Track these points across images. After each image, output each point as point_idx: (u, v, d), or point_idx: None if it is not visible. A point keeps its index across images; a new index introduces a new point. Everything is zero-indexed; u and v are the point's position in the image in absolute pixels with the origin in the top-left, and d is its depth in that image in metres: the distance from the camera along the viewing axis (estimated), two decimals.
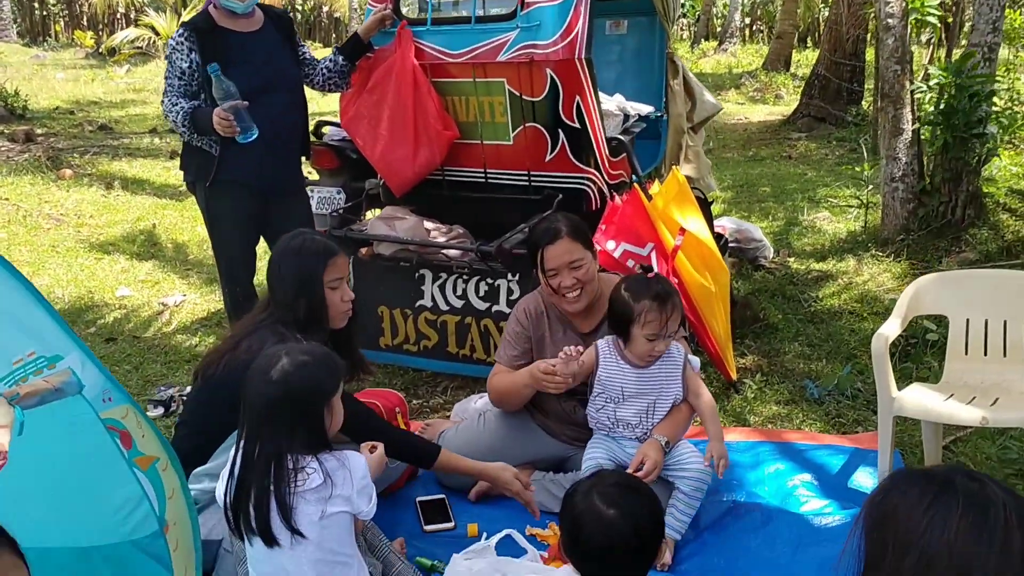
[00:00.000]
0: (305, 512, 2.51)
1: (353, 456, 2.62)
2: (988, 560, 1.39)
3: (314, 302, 3.06)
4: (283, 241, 3.17)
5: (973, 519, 1.42)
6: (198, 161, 4.06)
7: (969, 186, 5.97)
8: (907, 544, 1.45)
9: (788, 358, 4.67)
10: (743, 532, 3.19)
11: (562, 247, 3.30)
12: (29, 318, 2.49)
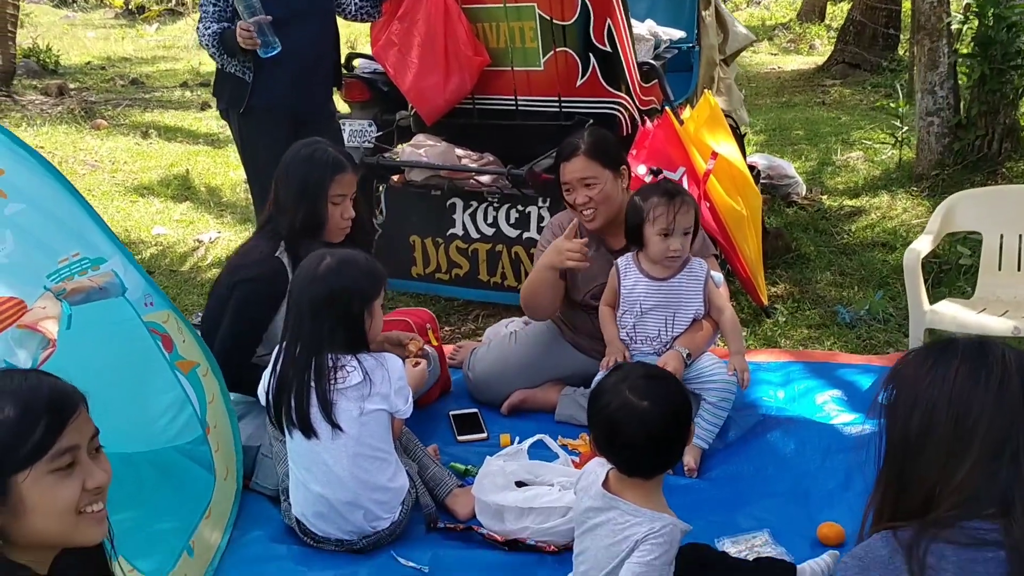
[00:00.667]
0: (344, 408, 2.58)
1: (391, 358, 2.68)
2: (985, 401, 1.43)
3: (314, 212, 3.09)
4: (296, 147, 3.21)
5: (971, 365, 1.46)
6: (231, 88, 4.10)
7: (1006, 119, 5.88)
8: (913, 400, 1.49)
9: (820, 286, 4.67)
10: (772, 442, 3.22)
11: (577, 164, 3.30)
12: (74, 221, 2.56)
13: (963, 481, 1.43)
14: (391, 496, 2.68)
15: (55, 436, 1.48)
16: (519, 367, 3.52)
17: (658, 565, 2.13)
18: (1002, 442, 1.42)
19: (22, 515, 1.46)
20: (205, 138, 9.16)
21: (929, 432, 1.45)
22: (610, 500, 2.20)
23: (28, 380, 1.51)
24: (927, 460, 1.46)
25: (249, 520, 2.88)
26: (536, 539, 2.68)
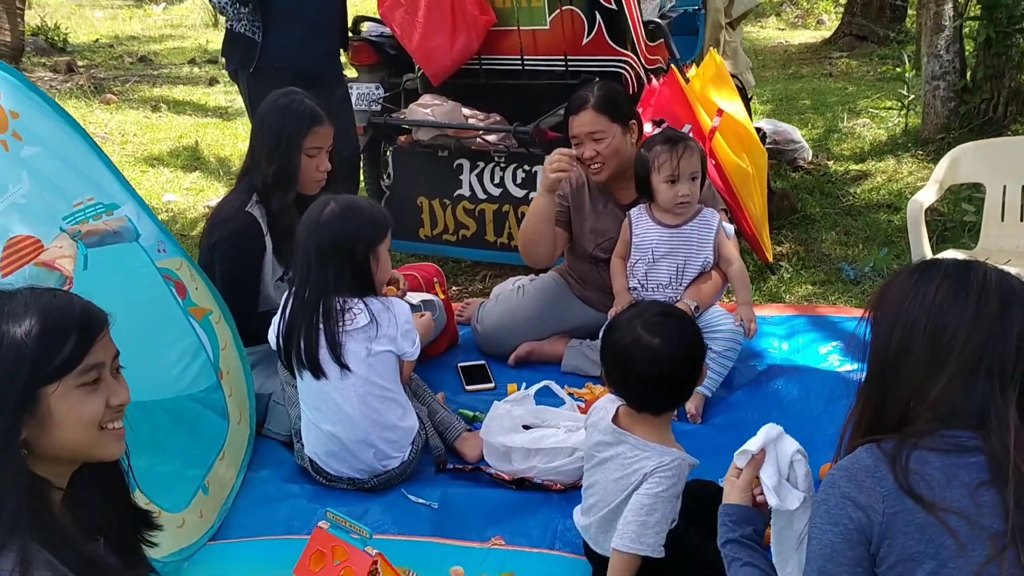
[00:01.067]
0: (352, 349, 2.64)
1: (398, 302, 2.73)
2: (963, 317, 1.47)
3: (288, 163, 3.11)
4: (273, 96, 3.23)
5: (952, 283, 1.51)
6: (242, 48, 4.14)
7: (1012, 82, 5.90)
8: (895, 317, 1.54)
9: (824, 245, 4.70)
10: (775, 390, 3.27)
11: (586, 118, 3.33)
12: (88, 168, 2.60)
13: (939, 395, 1.48)
14: (401, 435, 2.74)
15: (84, 352, 1.54)
16: (526, 320, 3.57)
17: (666, 497, 2.18)
18: (978, 358, 1.47)
19: (49, 427, 1.52)
20: (214, 111, 9.20)
21: (908, 348, 1.51)
22: (619, 435, 2.25)
23: (59, 298, 1.57)
24: (906, 375, 1.51)
25: (262, 462, 2.95)
26: (543, 478, 2.74)
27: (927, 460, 1.46)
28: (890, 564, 1.44)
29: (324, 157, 3.21)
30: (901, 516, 1.43)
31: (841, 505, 1.48)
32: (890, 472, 1.46)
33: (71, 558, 1.50)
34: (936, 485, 1.44)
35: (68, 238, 2.38)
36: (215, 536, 2.61)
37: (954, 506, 1.42)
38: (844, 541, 1.47)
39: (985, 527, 1.41)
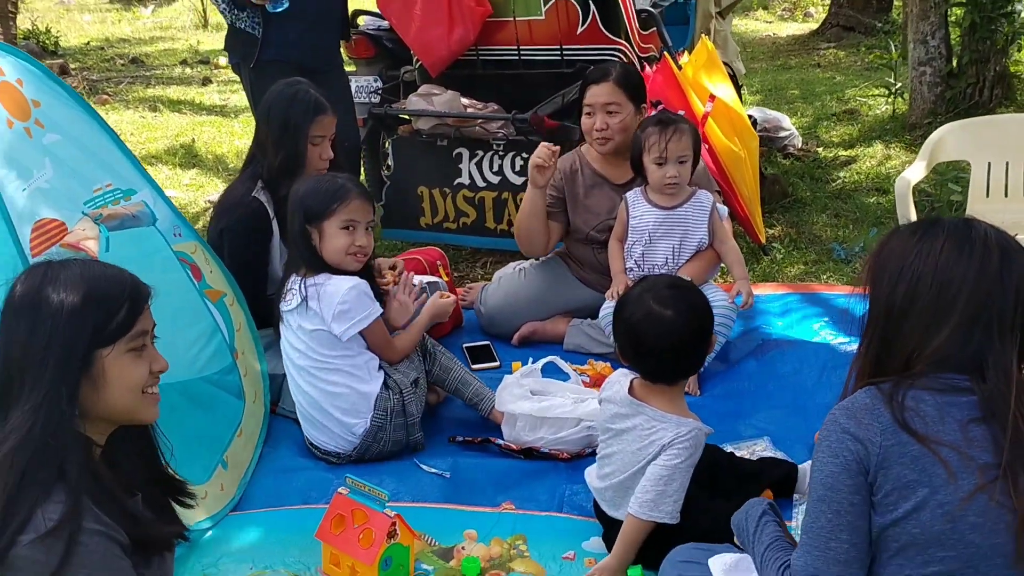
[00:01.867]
0: (290, 325, 2.87)
1: (335, 281, 2.82)
2: (967, 272, 1.58)
3: (294, 151, 3.22)
4: (278, 86, 3.34)
5: (956, 240, 1.61)
6: (243, 42, 4.22)
7: (996, 66, 6.03)
8: (899, 271, 1.64)
9: (816, 227, 4.82)
10: (771, 362, 3.39)
11: (605, 88, 3.43)
12: (107, 154, 2.70)
13: (941, 344, 1.59)
14: (355, 400, 2.85)
15: (135, 319, 1.65)
16: (528, 301, 3.68)
17: (683, 468, 2.28)
18: (979, 311, 1.57)
19: (101, 388, 1.62)
20: (209, 110, 9.28)
21: (914, 300, 1.61)
22: (636, 406, 2.34)
23: (110, 269, 1.68)
24: (911, 325, 1.61)
25: (277, 439, 3.05)
26: (550, 447, 2.84)
27: (922, 398, 1.57)
28: (886, 492, 1.55)
29: (327, 145, 3.31)
30: (897, 448, 1.54)
31: (841, 439, 1.59)
32: (887, 409, 1.57)
33: (113, 511, 1.61)
34: (929, 420, 1.55)
35: (90, 221, 2.49)
36: (236, 507, 2.70)
37: (946, 439, 1.53)
38: (843, 471, 1.58)
39: (975, 459, 1.52)
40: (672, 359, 2.31)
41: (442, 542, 2.52)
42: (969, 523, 1.52)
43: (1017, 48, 6.34)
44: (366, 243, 2.86)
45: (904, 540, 1.56)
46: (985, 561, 1.52)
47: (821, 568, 1.62)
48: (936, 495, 1.52)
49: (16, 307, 1.59)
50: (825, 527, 1.62)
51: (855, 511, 1.59)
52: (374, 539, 2.28)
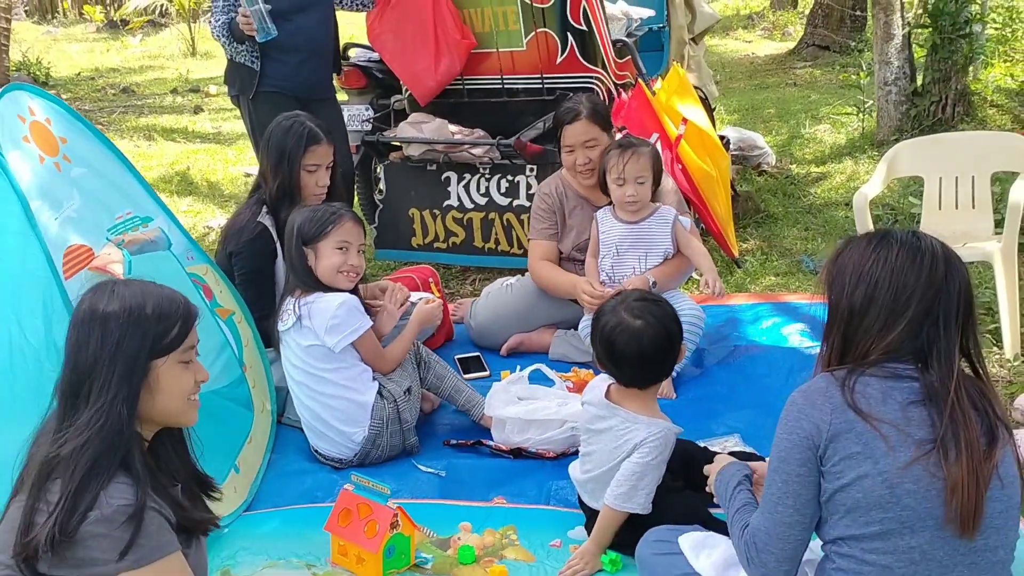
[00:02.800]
0: (286, 342, 3.10)
1: (327, 299, 3.06)
2: (920, 277, 1.85)
3: (290, 179, 3.49)
4: (278, 119, 3.61)
5: (908, 251, 1.88)
6: (241, 75, 4.48)
7: (958, 84, 6.33)
8: (858, 277, 1.90)
9: (786, 241, 5.09)
10: (742, 366, 3.64)
11: (580, 127, 3.70)
12: (126, 185, 2.95)
13: (895, 338, 1.86)
14: (354, 410, 3.09)
15: (186, 334, 1.89)
16: (516, 314, 3.93)
17: (654, 464, 2.51)
18: (929, 310, 1.85)
19: (155, 393, 1.87)
20: (202, 138, 9.52)
21: (873, 300, 1.87)
22: (612, 409, 2.58)
23: (165, 290, 1.92)
24: (868, 322, 1.88)
25: (284, 445, 3.28)
26: (537, 447, 3.09)
27: (868, 383, 1.84)
28: (834, 462, 1.83)
29: (323, 173, 3.57)
30: (845, 426, 1.81)
31: (797, 419, 1.87)
32: (839, 392, 1.84)
33: (164, 498, 1.84)
34: (873, 402, 1.82)
35: (114, 247, 2.73)
36: (249, 507, 2.93)
37: (887, 418, 1.81)
38: (795, 447, 1.86)
39: (911, 435, 1.79)
40: (640, 365, 2.54)
41: (439, 533, 2.75)
42: (905, 489, 1.77)
43: (983, 65, 6.66)
44: (358, 263, 3.12)
45: (850, 504, 1.82)
46: (919, 522, 1.78)
47: (769, 527, 1.91)
48: (877, 465, 1.78)
49: (87, 319, 1.83)
50: (775, 494, 1.90)
51: (801, 482, 1.86)
52: (378, 530, 2.52)
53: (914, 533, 1.78)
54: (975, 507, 1.75)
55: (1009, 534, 1.83)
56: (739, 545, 2.02)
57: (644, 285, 3.46)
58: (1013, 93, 6.90)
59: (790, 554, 1.92)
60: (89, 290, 1.92)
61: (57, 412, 1.87)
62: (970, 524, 1.76)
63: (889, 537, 1.79)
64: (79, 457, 1.73)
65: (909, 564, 1.79)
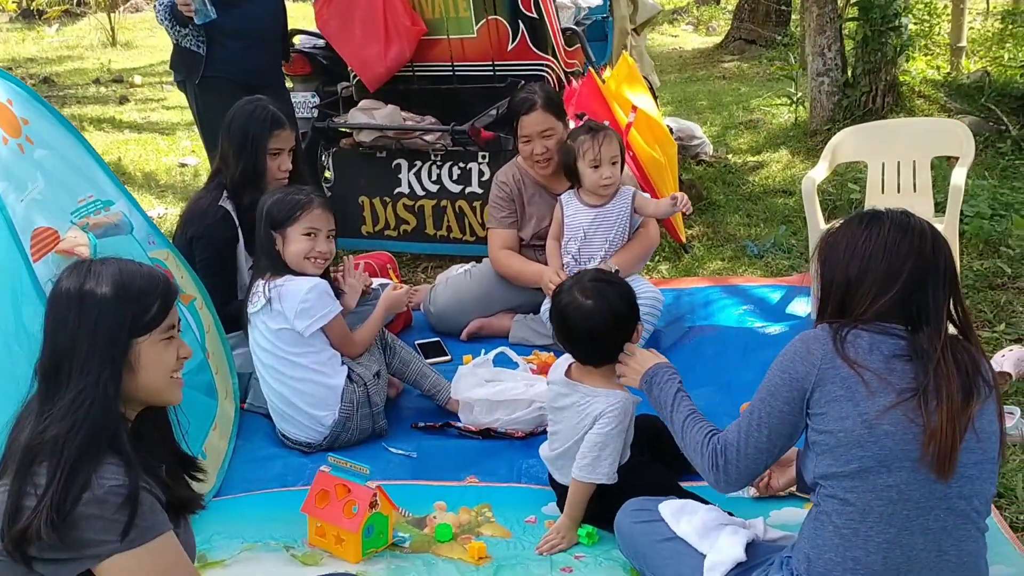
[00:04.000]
0: (256, 325, 3.09)
1: (297, 282, 3.07)
2: (909, 252, 1.99)
3: (254, 163, 3.46)
4: (239, 104, 3.57)
5: (898, 228, 2.02)
6: (187, 61, 4.41)
7: (887, 76, 6.55)
8: (851, 253, 2.04)
9: (730, 227, 5.21)
10: (697, 346, 3.74)
11: (536, 117, 3.74)
12: (86, 168, 2.90)
13: (885, 303, 1.98)
14: (324, 393, 3.08)
15: (167, 311, 1.87)
16: (475, 299, 3.96)
17: (614, 434, 2.57)
18: (919, 280, 1.97)
19: (137, 371, 1.84)
20: (130, 128, 9.31)
21: (867, 272, 2.00)
22: (572, 386, 2.64)
23: (145, 268, 1.90)
24: (863, 292, 2.00)
25: (249, 431, 3.26)
26: (505, 428, 3.12)
27: (859, 335, 1.97)
28: (820, 404, 1.96)
29: (286, 157, 3.54)
30: (832, 371, 1.95)
31: (792, 360, 2.01)
32: (831, 340, 1.97)
33: (153, 477, 1.83)
34: (861, 352, 1.95)
35: (79, 230, 2.68)
36: (218, 493, 2.90)
37: (870, 366, 1.93)
38: (784, 384, 2.01)
39: (893, 384, 1.92)
40: (591, 343, 2.59)
41: (415, 513, 2.77)
42: (883, 430, 1.89)
43: (906, 59, 6.89)
44: (326, 249, 3.11)
45: (832, 443, 1.94)
46: (895, 462, 1.90)
47: (741, 447, 2.09)
48: (858, 407, 1.91)
49: (64, 300, 1.79)
50: (755, 420, 2.06)
51: (781, 418, 2.02)
52: (358, 509, 2.52)
53: (891, 472, 1.90)
54: (950, 451, 1.88)
55: (984, 485, 1.95)
56: (704, 452, 2.17)
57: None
58: (939, 84, 7.16)
59: (751, 474, 2.13)
60: (66, 269, 1.89)
61: (38, 395, 1.84)
62: (945, 466, 1.88)
63: (867, 475, 1.91)
64: (67, 439, 1.70)
65: (888, 503, 1.91)
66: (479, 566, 2.52)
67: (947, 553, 1.92)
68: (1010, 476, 2.82)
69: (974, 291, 4.05)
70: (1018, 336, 3.69)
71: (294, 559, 2.58)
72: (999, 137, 6.08)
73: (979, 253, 4.43)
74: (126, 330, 1.80)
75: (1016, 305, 3.94)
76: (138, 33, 17.30)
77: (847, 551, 1.94)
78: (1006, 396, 3.26)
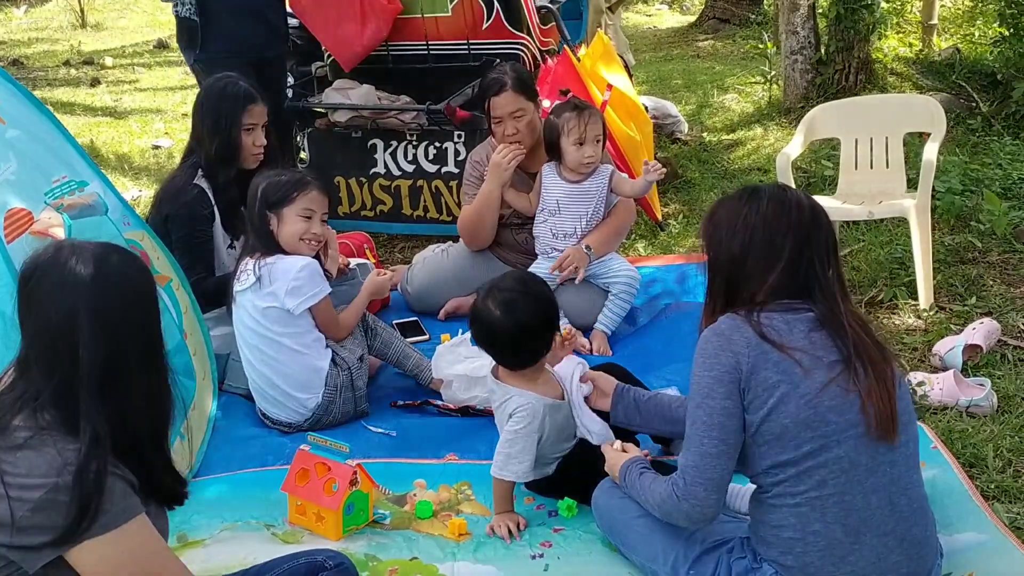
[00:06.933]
0: (242, 304, 3.08)
1: (288, 260, 3.06)
2: (789, 224, 2.03)
3: (228, 140, 3.44)
4: (210, 80, 3.57)
5: (776, 202, 2.06)
6: (187, 33, 4.36)
7: (860, 53, 6.59)
8: (733, 229, 2.07)
9: (706, 204, 5.23)
10: (674, 322, 3.77)
11: (506, 98, 3.73)
12: (60, 148, 2.88)
13: (774, 282, 2.03)
14: (309, 376, 3.09)
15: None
16: (453, 278, 3.97)
17: (524, 433, 2.53)
18: (801, 252, 2.02)
19: None
20: (103, 111, 9.21)
21: (750, 248, 2.04)
22: (496, 383, 2.63)
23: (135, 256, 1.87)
24: (749, 268, 2.04)
25: (228, 412, 3.25)
26: (484, 405, 3.13)
27: (772, 317, 2.00)
28: (756, 393, 1.96)
29: (260, 133, 3.53)
30: (762, 357, 1.96)
31: (716, 354, 2.00)
32: (748, 327, 1.98)
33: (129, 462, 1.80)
34: (782, 332, 1.98)
35: (53, 211, 2.66)
36: (197, 474, 2.90)
37: (796, 345, 1.96)
38: (717, 381, 1.99)
39: (821, 358, 1.96)
40: (496, 349, 2.57)
41: (395, 491, 2.78)
42: (826, 406, 1.94)
43: (878, 36, 6.93)
44: (320, 232, 3.13)
45: (778, 431, 1.96)
46: (841, 434, 1.94)
47: (696, 461, 2.02)
48: (797, 388, 1.94)
49: (42, 285, 1.76)
50: (700, 429, 2.02)
51: (726, 413, 1.99)
52: (338, 487, 2.54)
53: (840, 444, 1.94)
54: (891, 412, 1.94)
55: (912, 428, 2.06)
56: (663, 494, 2.11)
57: (580, 254, 3.57)
58: (911, 61, 7.21)
59: (717, 483, 2.03)
60: (46, 251, 1.86)
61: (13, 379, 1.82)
62: (890, 427, 1.94)
63: (818, 454, 1.95)
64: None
65: (840, 473, 1.95)
66: (459, 542, 2.54)
67: (898, 504, 1.98)
68: (981, 446, 2.87)
69: (946, 266, 4.10)
70: (988, 309, 3.74)
71: (275, 537, 2.59)
72: (970, 114, 6.14)
73: (950, 228, 4.48)
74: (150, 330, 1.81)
75: (987, 279, 3.99)
76: (108, 14, 17.07)
77: (806, 527, 1.97)
78: (976, 368, 3.32)
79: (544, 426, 2.57)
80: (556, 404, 2.60)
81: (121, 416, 1.76)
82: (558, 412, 2.60)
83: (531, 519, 2.62)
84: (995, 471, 2.76)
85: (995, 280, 3.99)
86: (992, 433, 2.94)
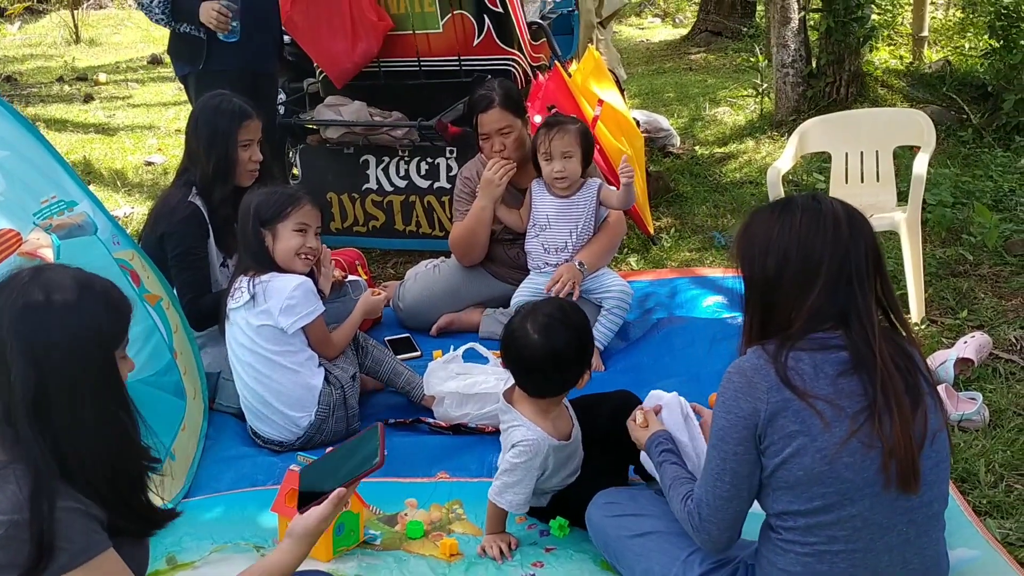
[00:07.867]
0: (236, 322, 3.07)
1: (284, 279, 3.06)
2: (825, 241, 1.91)
3: (225, 157, 3.44)
4: (204, 98, 3.55)
5: (811, 216, 1.94)
6: (189, 48, 4.27)
7: (851, 66, 6.62)
8: (767, 247, 1.95)
9: (698, 218, 5.25)
10: (666, 337, 3.76)
11: (495, 115, 3.75)
12: (48, 168, 2.87)
13: (813, 302, 1.91)
14: (301, 394, 3.08)
15: (127, 329, 1.84)
16: (444, 294, 3.97)
17: (523, 467, 2.49)
18: (840, 271, 1.89)
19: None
20: (96, 127, 9.21)
21: (785, 269, 1.92)
22: (507, 407, 2.58)
23: (112, 285, 1.86)
24: (784, 291, 1.93)
25: (219, 431, 3.24)
26: (476, 423, 3.13)
27: (800, 358, 1.88)
28: (772, 440, 1.88)
29: (256, 148, 3.53)
30: (781, 404, 1.86)
31: (735, 398, 1.91)
32: (772, 369, 1.88)
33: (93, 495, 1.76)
34: (807, 377, 1.87)
35: (42, 231, 2.66)
36: (187, 495, 2.89)
37: (820, 394, 1.86)
38: (732, 427, 1.91)
39: (845, 409, 1.85)
40: (528, 375, 2.49)
41: (385, 510, 2.77)
42: (843, 463, 1.84)
43: (869, 49, 6.96)
44: (315, 246, 3.13)
45: (791, 480, 1.88)
46: (857, 492, 1.85)
47: (710, 501, 1.99)
48: (815, 442, 1.84)
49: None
50: (714, 470, 1.97)
51: (738, 460, 1.92)
52: None
53: (854, 503, 1.86)
54: (912, 466, 1.84)
55: (942, 487, 1.94)
56: (682, 514, 2.09)
57: (573, 270, 3.57)
58: (901, 73, 7.24)
59: (730, 523, 2.00)
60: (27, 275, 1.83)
61: None
62: (910, 482, 1.84)
63: (831, 510, 1.87)
64: None
65: (852, 531, 1.87)
66: (451, 563, 2.53)
67: (911, 563, 1.92)
68: (973, 461, 2.87)
69: (937, 279, 4.11)
70: (980, 323, 3.75)
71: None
72: (960, 126, 6.17)
73: (942, 241, 4.49)
74: (106, 346, 1.79)
75: (978, 292, 4.00)
76: (102, 30, 17.10)
77: (813, 568, 1.92)
78: (968, 382, 3.32)
79: (547, 464, 2.52)
80: (561, 445, 2.53)
81: (69, 448, 1.72)
82: (562, 451, 2.55)
83: (523, 539, 2.61)
84: (987, 486, 2.76)
85: (986, 293, 4.00)
86: (984, 448, 2.94)
